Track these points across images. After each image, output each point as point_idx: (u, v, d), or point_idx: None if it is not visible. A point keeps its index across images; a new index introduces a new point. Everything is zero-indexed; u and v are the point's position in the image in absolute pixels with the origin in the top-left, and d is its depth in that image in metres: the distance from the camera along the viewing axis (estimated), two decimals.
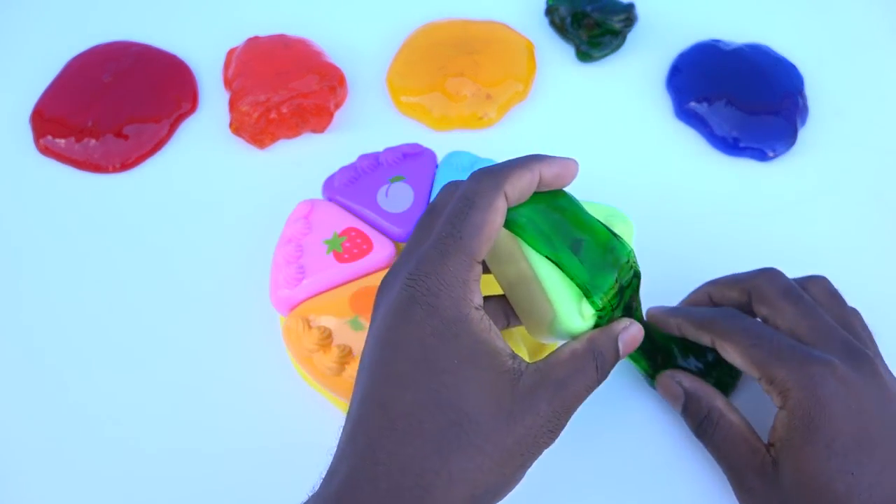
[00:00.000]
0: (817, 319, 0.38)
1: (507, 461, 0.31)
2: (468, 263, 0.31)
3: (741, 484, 0.37)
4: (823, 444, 0.34)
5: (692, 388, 0.40)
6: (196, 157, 0.53)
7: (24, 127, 0.54)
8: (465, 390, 0.30)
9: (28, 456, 0.43)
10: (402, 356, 0.31)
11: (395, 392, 0.31)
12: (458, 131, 0.54)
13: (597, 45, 0.56)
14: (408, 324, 0.31)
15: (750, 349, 0.37)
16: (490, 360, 0.31)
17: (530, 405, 0.31)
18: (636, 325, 0.35)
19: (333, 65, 0.55)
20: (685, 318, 0.40)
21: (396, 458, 0.30)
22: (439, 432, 0.30)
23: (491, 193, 0.32)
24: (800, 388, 0.35)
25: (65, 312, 0.47)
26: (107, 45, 0.58)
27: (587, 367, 0.33)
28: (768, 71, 0.54)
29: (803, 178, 0.52)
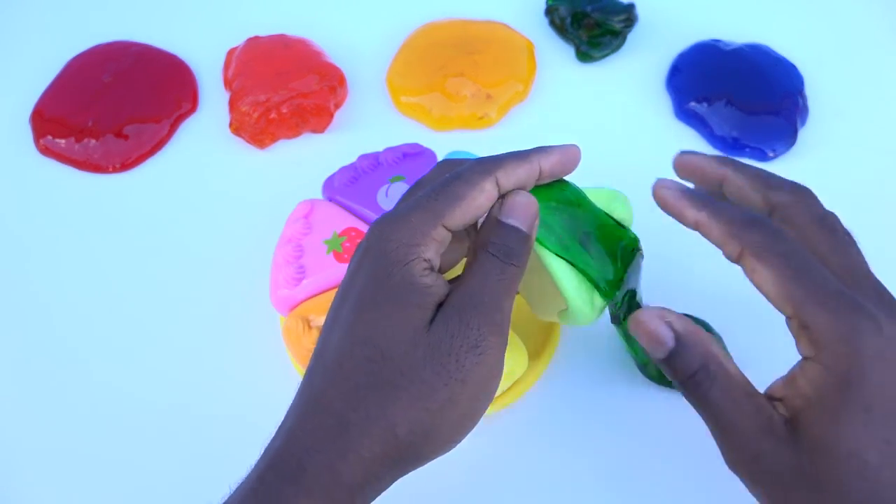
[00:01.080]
0: (853, 258, 0.32)
1: (429, 394, 0.30)
2: (432, 222, 0.31)
3: (742, 447, 0.31)
4: (861, 408, 0.29)
5: (685, 332, 0.32)
6: (196, 157, 0.53)
7: (24, 127, 0.54)
8: (381, 326, 0.30)
9: (28, 456, 0.43)
10: (346, 301, 0.32)
11: (331, 333, 0.32)
12: (458, 131, 0.54)
13: (597, 46, 0.56)
14: (356, 272, 0.32)
15: (790, 282, 0.30)
16: (417, 301, 0.31)
17: (443, 329, 0.30)
18: (514, 193, 0.33)
19: (333, 65, 0.55)
20: (712, 215, 0.32)
21: (323, 397, 0.31)
22: (357, 369, 0.30)
23: (481, 175, 0.32)
24: (842, 342, 0.29)
25: (65, 312, 0.47)
26: (107, 45, 0.58)
27: (483, 262, 0.32)
28: (768, 71, 0.54)
29: (803, 178, 0.51)
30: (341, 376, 0.30)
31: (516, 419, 0.43)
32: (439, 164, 0.36)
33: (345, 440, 0.30)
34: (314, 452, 0.30)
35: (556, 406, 0.43)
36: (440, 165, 0.36)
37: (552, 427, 0.43)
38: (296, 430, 0.31)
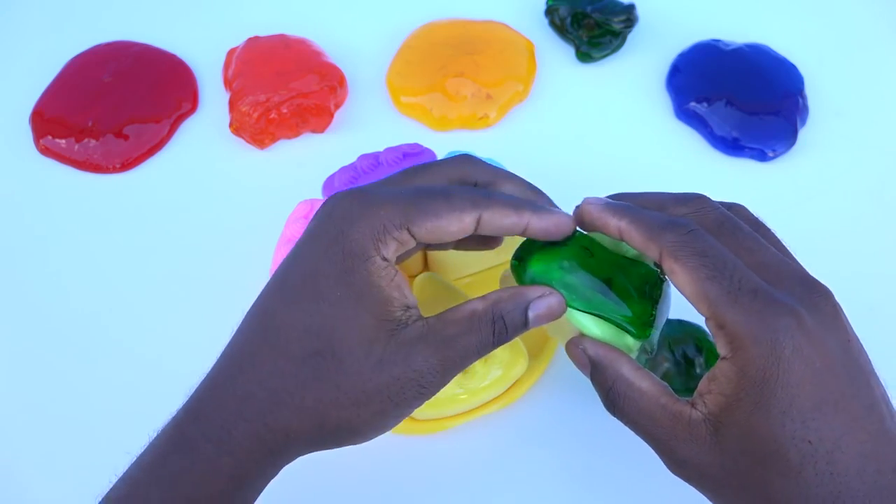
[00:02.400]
0: (764, 253, 0.32)
1: (365, 403, 0.30)
2: (400, 223, 0.31)
3: (670, 456, 0.31)
4: (780, 409, 0.29)
5: (596, 356, 0.33)
6: (196, 157, 0.53)
7: (24, 127, 0.54)
8: (338, 325, 0.30)
9: (29, 456, 0.43)
10: (297, 270, 0.32)
11: (279, 306, 0.32)
12: (458, 131, 0.54)
13: (597, 46, 0.56)
14: (315, 240, 0.32)
15: (705, 281, 0.30)
16: (374, 306, 0.31)
17: (405, 357, 0.30)
18: (555, 297, 0.32)
19: (333, 65, 0.55)
20: (632, 222, 0.32)
21: (258, 368, 0.31)
22: (303, 357, 0.30)
23: (467, 205, 0.32)
24: (757, 343, 0.29)
25: (65, 312, 0.47)
26: (107, 45, 0.58)
27: (483, 329, 0.31)
28: (768, 71, 0.54)
29: (803, 178, 0.52)
30: (284, 357, 0.31)
31: (516, 419, 0.43)
32: (457, 157, 0.35)
33: (274, 417, 0.30)
34: (242, 421, 0.30)
35: (555, 406, 0.43)
36: (457, 160, 0.35)
37: (551, 427, 0.43)
38: (225, 390, 0.31)
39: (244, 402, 0.31)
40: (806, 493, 0.29)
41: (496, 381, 0.40)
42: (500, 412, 0.43)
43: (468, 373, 0.39)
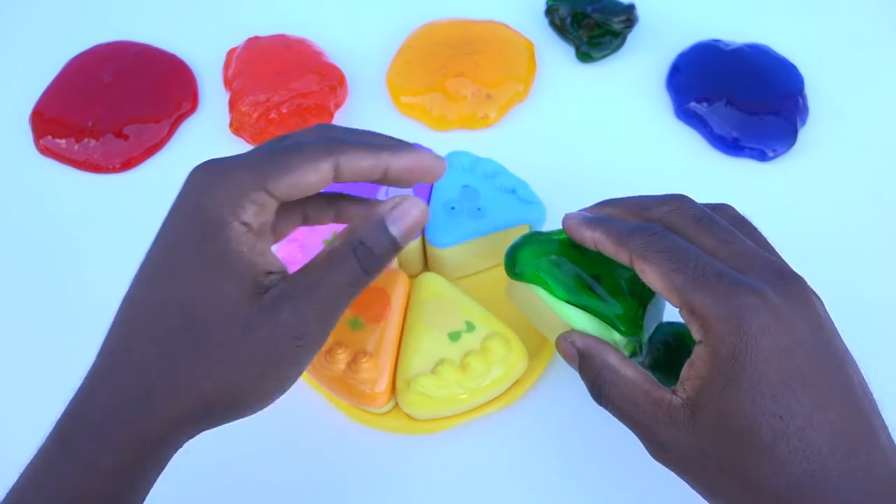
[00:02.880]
0: (738, 245, 0.33)
1: (241, 371, 0.30)
2: (256, 184, 0.31)
3: (651, 439, 0.32)
4: (749, 385, 0.30)
5: (584, 346, 0.35)
6: (196, 157, 0.52)
7: (24, 127, 0.54)
8: (199, 296, 0.30)
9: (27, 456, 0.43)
10: (156, 254, 0.31)
11: (141, 292, 0.31)
12: (458, 131, 0.54)
13: (597, 46, 0.56)
14: (171, 220, 0.31)
15: (670, 273, 0.32)
16: (235, 272, 0.30)
17: (271, 315, 0.30)
18: (411, 202, 0.33)
19: (333, 65, 0.55)
20: (604, 232, 0.34)
21: (129, 357, 0.30)
22: (168, 335, 0.30)
23: (322, 154, 0.32)
24: (724, 322, 0.30)
25: (65, 312, 0.47)
26: (107, 45, 0.58)
27: (346, 262, 0.31)
28: (768, 71, 0.54)
29: (803, 178, 0.52)
30: (150, 339, 0.30)
31: (516, 419, 0.43)
32: (317, 125, 0.35)
33: (150, 403, 0.30)
34: (119, 412, 0.30)
35: (555, 405, 0.43)
36: (316, 126, 0.35)
37: (551, 427, 0.43)
38: (100, 387, 0.31)
39: (120, 395, 0.30)
40: (781, 471, 0.30)
41: (496, 380, 0.40)
42: (500, 412, 0.43)
43: (468, 372, 0.39)
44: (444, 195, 0.44)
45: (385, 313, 0.41)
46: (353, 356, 0.40)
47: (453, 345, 0.40)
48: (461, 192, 0.45)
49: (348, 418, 0.43)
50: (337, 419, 0.43)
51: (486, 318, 0.41)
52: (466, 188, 0.45)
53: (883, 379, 0.44)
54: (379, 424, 0.42)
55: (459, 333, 0.40)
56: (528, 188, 0.45)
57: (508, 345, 0.40)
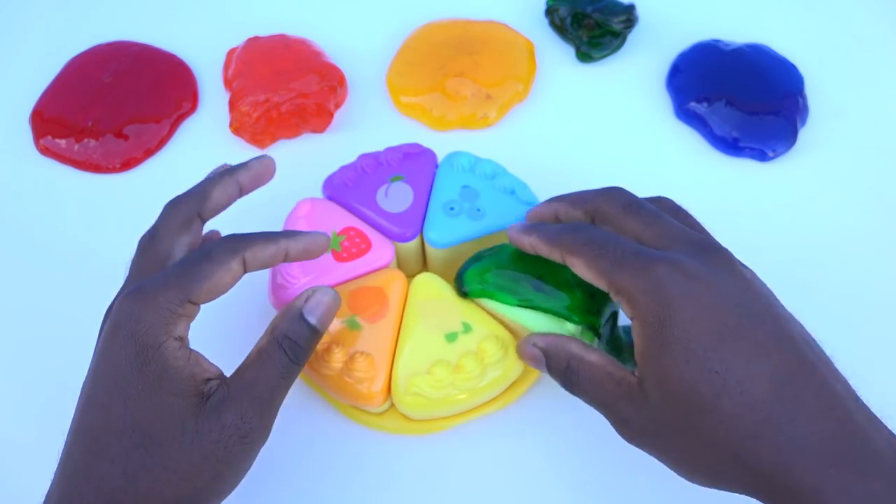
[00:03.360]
0: (662, 225, 0.36)
1: (197, 475, 0.32)
2: (180, 300, 0.33)
3: (615, 417, 0.34)
4: (679, 346, 0.31)
5: (547, 345, 0.37)
6: (196, 157, 0.53)
7: (24, 127, 0.54)
8: (149, 416, 0.32)
9: (28, 457, 0.43)
10: (100, 382, 0.33)
11: (92, 417, 0.33)
12: (458, 131, 0.54)
13: (597, 46, 0.56)
14: (108, 350, 0.33)
15: (595, 260, 0.34)
16: (177, 386, 0.32)
17: (215, 420, 0.32)
18: (321, 291, 0.36)
19: (333, 65, 0.55)
20: (538, 236, 0.37)
21: (90, 480, 0.32)
22: (126, 455, 0.32)
23: (229, 254, 0.35)
24: (645, 293, 0.32)
25: (65, 312, 0.47)
26: (107, 45, 0.58)
27: (274, 357, 0.34)
28: (768, 71, 0.54)
29: (803, 178, 0.52)
30: (109, 460, 0.32)
31: (512, 420, 0.43)
32: (165, 208, 0.38)
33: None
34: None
35: (551, 408, 0.43)
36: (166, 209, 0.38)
37: (550, 427, 0.43)
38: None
39: None
40: (731, 425, 0.31)
41: (492, 382, 0.40)
42: (497, 413, 0.43)
43: (463, 373, 0.39)
44: (443, 195, 0.44)
45: (382, 313, 0.41)
46: (350, 355, 0.40)
47: (450, 346, 0.40)
48: (461, 192, 0.45)
49: (345, 417, 0.43)
50: (333, 418, 0.43)
51: (483, 320, 0.41)
52: (466, 189, 0.45)
53: (883, 379, 0.44)
54: (375, 424, 0.42)
55: (456, 335, 0.40)
56: (528, 189, 0.45)
57: (504, 347, 0.40)
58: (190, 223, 0.38)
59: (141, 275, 0.36)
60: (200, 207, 0.38)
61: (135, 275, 0.37)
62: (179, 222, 0.37)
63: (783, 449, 0.30)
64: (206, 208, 0.38)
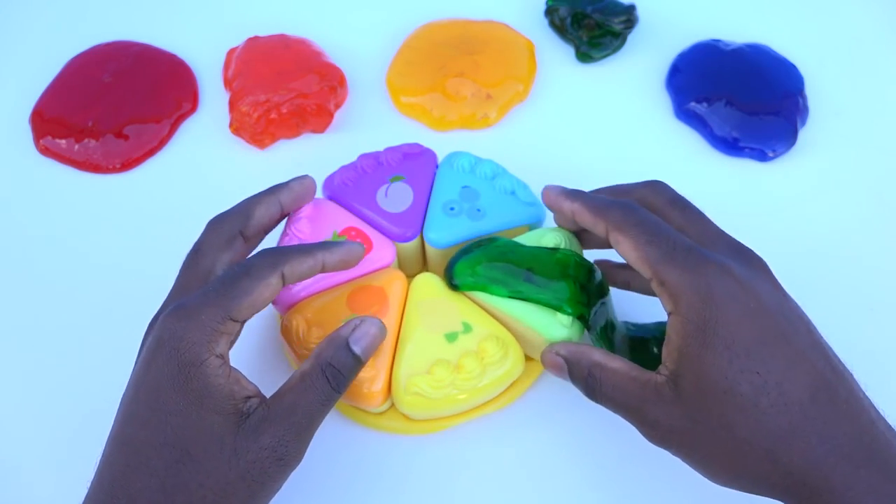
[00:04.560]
0: (706, 225, 0.37)
1: (232, 493, 0.32)
2: (222, 318, 0.34)
3: (644, 420, 0.35)
4: (723, 346, 0.32)
5: (569, 353, 0.37)
6: (196, 157, 0.53)
7: (24, 127, 0.54)
8: (189, 432, 0.32)
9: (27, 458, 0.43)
10: (142, 397, 0.33)
11: (132, 430, 0.33)
12: (458, 131, 0.54)
13: (597, 46, 0.56)
14: (150, 366, 0.34)
15: (645, 246, 0.34)
16: (217, 404, 0.33)
17: (255, 440, 0.33)
18: (368, 322, 0.37)
19: (333, 65, 0.55)
20: (582, 203, 0.37)
21: (128, 491, 0.32)
22: (165, 470, 0.32)
23: (268, 269, 0.35)
24: (693, 292, 0.33)
25: (65, 312, 0.47)
26: (107, 45, 0.58)
27: (317, 383, 0.34)
28: (768, 71, 0.54)
29: (803, 178, 0.52)
30: (148, 473, 0.32)
31: (512, 420, 0.43)
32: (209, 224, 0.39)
33: None
34: None
35: (551, 408, 0.43)
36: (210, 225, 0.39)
37: (549, 427, 0.43)
38: None
39: None
40: (766, 424, 0.32)
41: (492, 382, 0.40)
42: (496, 413, 0.43)
43: (463, 373, 0.39)
44: (443, 196, 0.44)
45: (383, 313, 0.41)
46: None
47: (450, 346, 0.40)
48: (461, 192, 0.45)
49: (345, 417, 0.43)
50: (333, 418, 0.43)
51: (483, 320, 0.41)
52: (466, 189, 0.45)
53: (883, 378, 0.44)
54: (375, 424, 0.42)
55: (456, 334, 0.40)
56: (528, 189, 0.45)
57: (505, 347, 0.40)
58: (233, 241, 0.38)
59: (183, 291, 0.37)
60: (243, 225, 0.39)
61: (178, 290, 0.37)
62: (223, 240, 0.38)
63: (816, 449, 0.31)
64: (249, 227, 0.39)
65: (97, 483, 0.33)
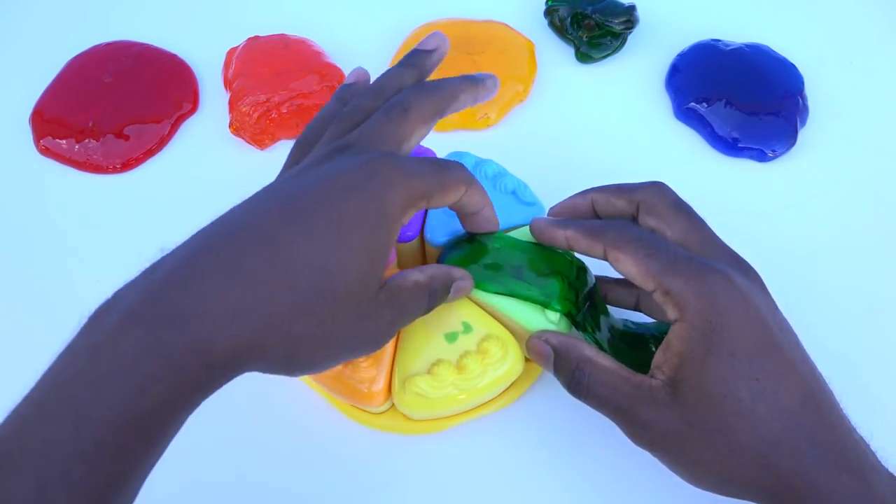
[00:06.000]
0: (707, 232, 0.38)
1: (332, 347, 0.33)
2: (425, 195, 0.34)
3: (634, 422, 0.35)
4: (727, 352, 0.33)
5: (559, 343, 0.37)
6: (196, 158, 0.53)
7: (24, 127, 0.54)
8: (351, 274, 0.32)
9: None
10: (322, 211, 0.32)
11: (292, 236, 0.31)
12: (458, 132, 0.54)
13: (597, 47, 0.56)
14: (349, 191, 0.33)
15: (646, 259, 0.35)
16: (381, 265, 0.33)
17: (376, 315, 0.34)
18: (469, 281, 0.38)
19: (333, 65, 0.55)
20: (575, 230, 0.37)
21: (256, 289, 0.30)
22: (308, 291, 0.31)
23: (464, 180, 0.36)
24: (698, 299, 0.33)
25: (65, 313, 0.47)
26: (107, 45, 0.58)
27: (422, 298, 0.36)
28: (768, 71, 0.54)
29: (803, 178, 0.52)
30: (290, 286, 0.31)
31: (512, 420, 0.43)
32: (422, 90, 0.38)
33: (258, 339, 0.30)
34: (226, 337, 0.30)
35: (551, 408, 0.43)
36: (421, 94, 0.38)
37: (549, 427, 0.43)
38: (213, 304, 0.30)
39: (234, 319, 0.30)
40: (762, 430, 0.33)
41: (494, 381, 0.40)
42: (498, 412, 0.43)
43: (464, 373, 0.39)
44: None
45: None
46: None
47: (450, 346, 0.40)
48: None
49: (345, 417, 0.43)
50: (334, 418, 0.43)
51: (483, 320, 0.41)
52: None
53: (883, 379, 0.44)
54: (376, 424, 0.42)
55: (456, 334, 0.40)
56: (529, 190, 0.45)
57: (505, 347, 0.40)
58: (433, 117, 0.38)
59: (384, 139, 0.36)
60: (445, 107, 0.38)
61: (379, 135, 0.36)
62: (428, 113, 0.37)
63: (804, 455, 0.32)
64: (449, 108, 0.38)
65: (214, 264, 0.31)
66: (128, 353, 0.29)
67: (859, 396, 0.42)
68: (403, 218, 0.34)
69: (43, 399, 0.29)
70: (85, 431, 0.28)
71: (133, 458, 0.29)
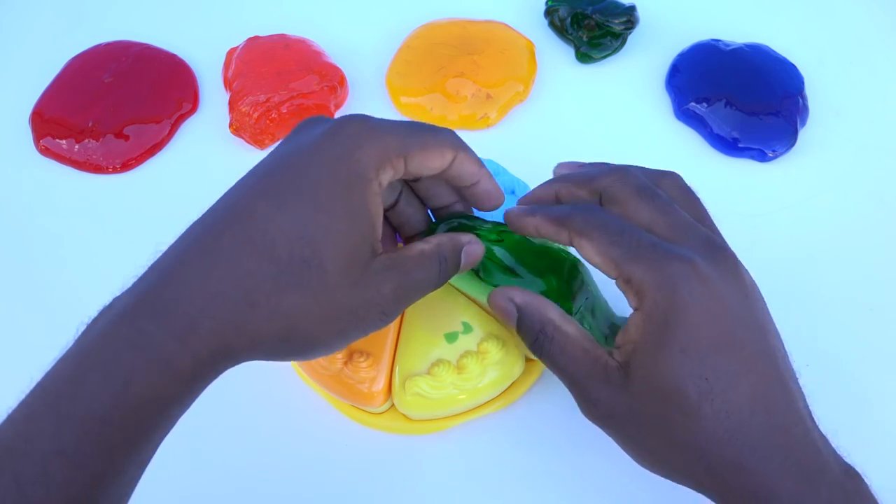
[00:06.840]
0: (675, 216, 0.35)
1: (333, 320, 0.32)
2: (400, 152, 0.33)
3: (585, 395, 0.34)
4: (678, 348, 0.32)
5: (524, 303, 0.36)
6: (196, 158, 0.53)
7: (24, 127, 0.54)
8: (331, 238, 0.31)
9: None
10: (291, 177, 0.32)
11: (265, 206, 0.31)
12: (458, 131, 0.53)
13: (597, 47, 0.56)
14: (317, 153, 0.32)
15: (608, 247, 0.33)
16: (364, 228, 0.32)
17: (376, 283, 0.32)
18: (479, 244, 0.37)
19: (333, 65, 0.55)
20: (542, 217, 0.36)
21: (236, 267, 0.30)
22: (288, 262, 0.30)
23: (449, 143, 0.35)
24: (657, 289, 0.32)
25: (65, 313, 0.47)
26: (107, 45, 0.58)
27: (431, 266, 0.35)
28: (768, 71, 0.54)
29: (803, 178, 0.52)
30: (269, 258, 0.30)
31: (512, 420, 0.43)
32: None
33: (245, 319, 0.30)
34: (210, 320, 0.29)
35: (551, 408, 0.43)
36: None
37: (549, 428, 0.43)
38: (194, 288, 0.30)
39: (216, 300, 0.30)
40: (704, 429, 0.32)
41: (494, 381, 0.40)
42: (498, 413, 0.43)
43: (464, 373, 0.39)
44: None
45: None
46: (351, 355, 0.40)
47: (450, 346, 0.40)
48: None
49: (345, 417, 0.43)
50: (334, 418, 0.43)
51: (483, 320, 0.41)
52: None
53: (882, 378, 0.44)
54: (375, 424, 0.42)
55: (456, 335, 0.40)
56: (529, 189, 0.45)
57: (505, 347, 0.40)
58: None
59: None
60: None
61: None
62: None
63: (747, 458, 0.32)
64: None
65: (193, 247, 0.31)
66: (111, 348, 0.29)
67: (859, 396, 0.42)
68: (381, 177, 0.33)
69: (30, 400, 0.29)
70: (65, 429, 0.27)
71: (119, 456, 0.29)
